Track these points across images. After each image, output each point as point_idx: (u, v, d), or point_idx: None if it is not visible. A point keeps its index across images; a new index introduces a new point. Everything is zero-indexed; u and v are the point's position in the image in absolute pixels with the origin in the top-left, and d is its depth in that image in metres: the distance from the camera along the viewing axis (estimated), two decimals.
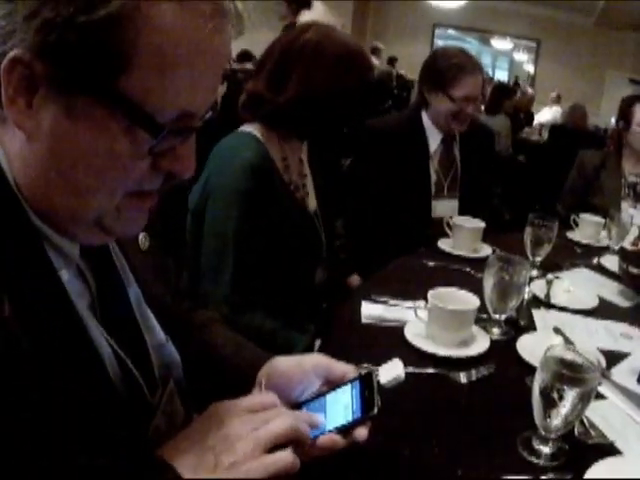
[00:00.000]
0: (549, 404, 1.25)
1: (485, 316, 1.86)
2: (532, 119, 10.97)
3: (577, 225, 3.02)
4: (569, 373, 1.24)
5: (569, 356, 1.30)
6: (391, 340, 1.76)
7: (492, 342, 1.76)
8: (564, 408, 1.24)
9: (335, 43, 2.10)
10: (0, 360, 0.78)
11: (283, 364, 1.22)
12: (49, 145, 0.86)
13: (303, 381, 1.19)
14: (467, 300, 1.78)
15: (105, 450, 0.89)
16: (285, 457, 0.96)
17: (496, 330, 1.84)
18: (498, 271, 1.83)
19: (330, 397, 1.16)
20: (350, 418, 1.10)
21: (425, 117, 3.20)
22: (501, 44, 18.75)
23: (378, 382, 1.16)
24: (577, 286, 2.27)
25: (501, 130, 6.90)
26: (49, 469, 0.82)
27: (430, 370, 1.61)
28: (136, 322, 1.11)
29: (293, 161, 2.26)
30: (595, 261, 2.68)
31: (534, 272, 2.35)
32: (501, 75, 18.26)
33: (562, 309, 2.09)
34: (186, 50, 0.85)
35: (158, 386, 1.11)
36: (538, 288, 2.20)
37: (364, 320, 1.89)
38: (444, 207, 3.15)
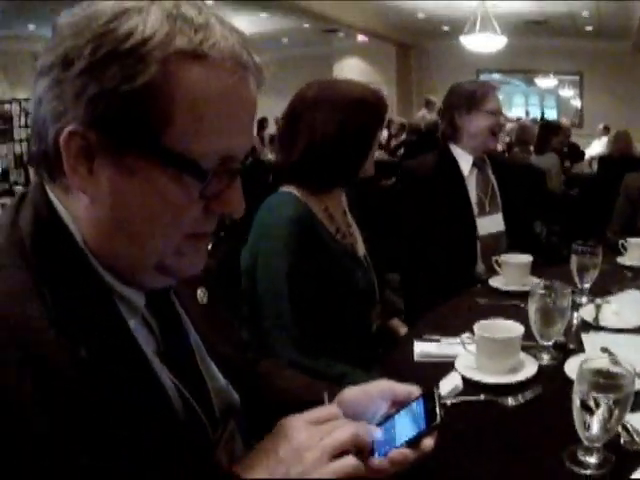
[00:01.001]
0: (587, 413, 1.30)
1: (534, 343, 1.92)
2: (577, 150, 10.93)
3: (626, 250, 3.04)
4: (603, 381, 1.30)
5: (604, 366, 1.36)
6: (444, 374, 1.79)
7: (541, 367, 1.82)
8: (601, 416, 1.29)
9: (337, 91, 2.22)
10: (78, 395, 0.89)
11: (351, 393, 1.30)
12: (110, 203, 0.97)
13: (370, 406, 1.27)
14: (512, 328, 1.84)
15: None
16: (350, 461, 1.06)
17: (545, 356, 1.89)
18: (541, 298, 1.90)
19: (397, 416, 1.23)
20: (416, 431, 1.17)
21: (453, 147, 3.41)
22: (546, 82, 18.81)
23: (439, 395, 1.24)
24: (626, 307, 2.29)
25: (551, 168, 6.90)
26: None
27: (480, 397, 1.67)
28: (197, 367, 1.21)
29: (337, 211, 2.36)
30: None
31: (583, 299, 2.39)
32: (550, 113, 18.31)
33: (611, 330, 2.11)
34: (216, 101, 0.96)
35: (219, 425, 1.20)
36: (587, 313, 2.24)
37: (417, 358, 1.97)
38: (489, 223, 3.32)
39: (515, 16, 14.79)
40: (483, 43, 14.33)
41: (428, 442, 1.16)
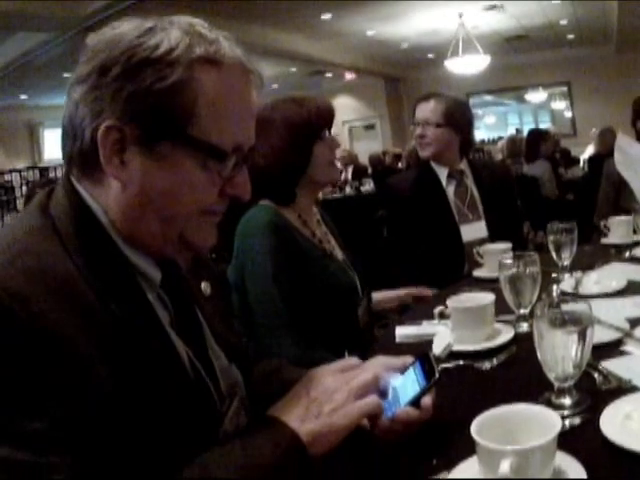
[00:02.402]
0: (552, 352, 1.33)
1: (512, 316, 1.95)
2: (570, 156, 10.99)
3: (609, 230, 3.07)
4: (561, 316, 1.35)
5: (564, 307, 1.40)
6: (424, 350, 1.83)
7: (519, 335, 1.84)
8: (565, 350, 1.31)
9: (270, 113, 2.36)
10: (114, 345, 1.06)
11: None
12: (141, 188, 1.14)
13: None
14: (483, 297, 1.88)
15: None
16: (372, 400, 1.25)
17: (524, 324, 1.91)
18: (510, 266, 1.93)
19: (398, 382, 1.35)
20: (417, 391, 1.30)
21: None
22: (536, 97, 18.99)
23: (434, 355, 1.42)
24: (607, 276, 2.31)
25: (543, 174, 6.97)
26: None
27: (458, 362, 1.71)
28: (205, 343, 1.34)
29: (310, 220, 2.46)
30: (627, 255, 2.73)
31: (565, 275, 2.42)
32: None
33: (591, 297, 2.12)
34: (229, 99, 1.16)
35: (225, 399, 1.30)
36: (567, 285, 2.26)
37: (398, 340, 2.00)
38: (472, 230, 3.39)
39: (496, 34, 15.01)
40: (468, 65, 14.50)
41: (427, 400, 1.30)
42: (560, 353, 1.32)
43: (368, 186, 11.42)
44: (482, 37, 14.08)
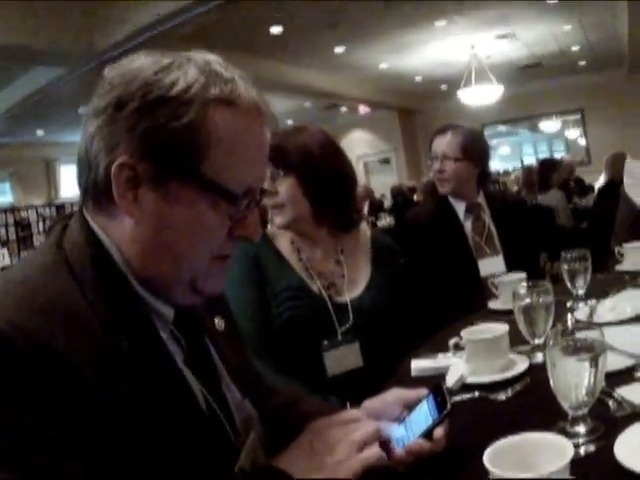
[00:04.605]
0: (565, 380, 1.35)
1: (527, 347, 1.95)
2: (584, 184, 10.99)
3: (623, 256, 3.06)
4: (573, 343, 1.37)
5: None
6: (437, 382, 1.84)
7: (534, 365, 1.84)
8: (578, 378, 1.33)
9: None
10: (123, 379, 1.06)
11: (370, 402, 1.53)
12: (152, 226, 1.15)
13: (387, 411, 1.48)
14: (497, 328, 1.90)
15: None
16: (374, 452, 1.26)
17: (539, 354, 1.91)
18: (523, 296, 1.94)
19: (412, 414, 1.41)
20: (430, 422, 1.33)
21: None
22: (550, 126, 18.97)
23: (447, 387, 1.44)
24: (622, 302, 2.30)
25: (557, 204, 6.98)
26: None
27: (474, 394, 1.72)
28: (219, 380, 1.35)
29: (314, 252, 2.50)
30: None
31: (580, 304, 2.41)
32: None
33: (606, 325, 2.11)
34: (242, 140, 1.17)
35: (240, 434, 1.31)
36: (582, 313, 2.26)
37: (413, 373, 2.01)
38: (490, 264, 3.37)
39: (509, 64, 15.08)
40: (481, 95, 14.52)
41: (439, 432, 1.33)
42: (573, 381, 1.33)
43: (384, 221, 11.46)
44: (495, 66, 14.17)
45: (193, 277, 1.19)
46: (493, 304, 2.73)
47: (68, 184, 17.25)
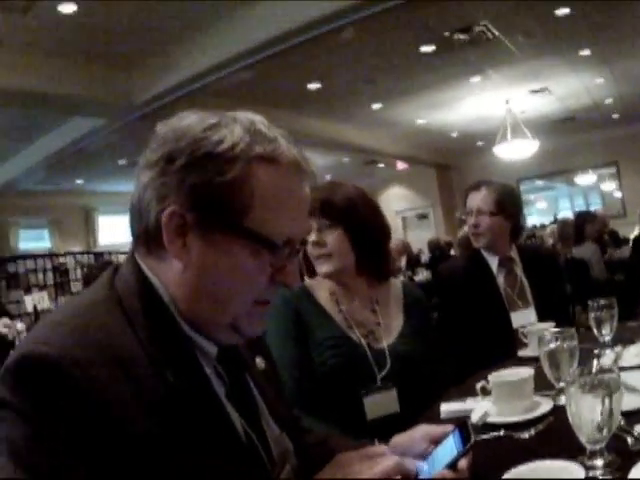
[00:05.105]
0: (581, 416, 1.42)
1: (553, 391, 2.02)
2: (618, 237, 10.99)
3: None
4: (591, 382, 1.43)
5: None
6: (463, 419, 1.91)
7: (558, 406, 1.89)
8: (593, 414, 1.40)
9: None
10: (166, 413, 1.13)
11: (399, 437, 1.63)
12: (198, 271, 1.22)
13: (415, 447, 1.56)
14: (523, 372, 2.00)
15: None
16: None
17: (563, 397, 1.95)
18: (549, 342, 2.02)
19: (438, 448, 1.49)
20: (455, 454, 1.41)
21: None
22: (586, 179, 18.88)
23: (471, 423, 1.55)
24: None
25: (591, 256, 7.01)
26: None
27: (500, 433, 1.80)
28: (259, 414, 1.42)
29: (351, 301, 2.59)
30: None
31: (607, 350, 2.46)
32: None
33: (630, 369, 2.15)
34: (284, 195, 1.24)
35: (276, 465, 1.39)
36: (608, 359, 2.31)
37: (442, 416, 2.09)
38: (522, 316, 3.42)
39: (543, 118, 15.12)
40: (517, 151, 14.52)
41: (463, 463, 1.40)
42: (589, 416, 1.41)
43: (421, 275, 11.51)
44: (529, 121, 14.22)
45: (235, 319, 1.27)
46: (522, 352, 2.82)
47: (106, 232, 17.56)
